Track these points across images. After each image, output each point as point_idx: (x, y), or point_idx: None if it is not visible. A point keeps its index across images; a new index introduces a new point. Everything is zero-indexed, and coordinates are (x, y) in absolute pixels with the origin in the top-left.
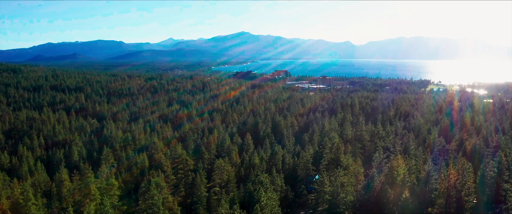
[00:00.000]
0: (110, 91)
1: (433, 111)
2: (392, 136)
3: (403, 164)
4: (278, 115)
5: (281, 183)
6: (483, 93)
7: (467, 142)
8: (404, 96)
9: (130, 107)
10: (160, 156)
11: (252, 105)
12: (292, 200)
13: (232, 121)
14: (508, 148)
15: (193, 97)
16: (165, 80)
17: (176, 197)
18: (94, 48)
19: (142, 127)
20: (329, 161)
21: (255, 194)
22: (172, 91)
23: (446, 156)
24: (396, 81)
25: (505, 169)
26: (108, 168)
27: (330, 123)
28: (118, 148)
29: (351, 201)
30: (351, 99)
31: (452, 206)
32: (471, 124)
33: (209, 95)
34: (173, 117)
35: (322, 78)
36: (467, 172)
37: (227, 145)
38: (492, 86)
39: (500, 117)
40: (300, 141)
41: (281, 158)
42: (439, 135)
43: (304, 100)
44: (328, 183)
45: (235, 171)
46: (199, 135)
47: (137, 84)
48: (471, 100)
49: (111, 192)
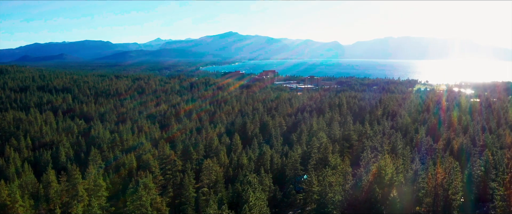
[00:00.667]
0: (97, 91)
1: (420, 110)
2: (379, 136)
3: (391, 163)
4: (266, 115)
5: (270, 183)
6: (470, 92)
7: (454, 141)
8: (392, 96)
9: (117, 107)
10: (148, 157)
11: (240, 105)
12: (280, 200)
13: (220, 121)
14: (495, 147)
15: (181, 98)
16: (153, 80)
17: (164, 198)
18: (81, 49)
19: (129, 128)
20: (317, 161)
21: (243, 194)
22: (160, 92)
23: (433, 155)
24: (383, 81)
25: (492, 167)
26: (95, 169)
27: (318, 122)
28: (105, 149)
29: (339, 200)
30: (339, 99)
31: (440, 205)
32: (458, 123)
33: (197, 95)
34: (161, 117)
35: (310, 78)
36: (454, 171)
37: (215, 145)
38: (479, 86)
39: (487, 116)
40: (288, 140)
41: (270, 158)
42: (426, 134)
43: (292, 101)
44: (316, 183)
45: (224, 171)
46: (187, 135)
47: (125, 85)
48: (458, 100)
49: (99, 193)
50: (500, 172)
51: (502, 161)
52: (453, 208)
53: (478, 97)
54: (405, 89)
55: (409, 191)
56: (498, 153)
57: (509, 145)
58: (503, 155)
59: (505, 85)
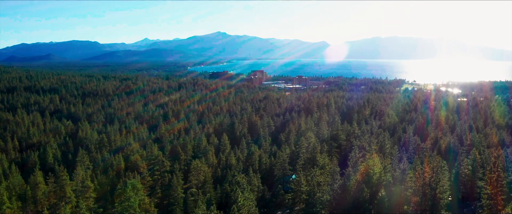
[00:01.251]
0: (85, 92)
1: (408, 110)
2: (367, 135)
3: (379, 162)
4: (254, 115)
5: (258, 183)
6: (457, 92)
7: (442, 140)
8: (380, 96)
9: (105, 108)
10: (136, 158)
11: (228, 105)
12: (269, 200)
13: (208, 121)
14: (482, 146)
15: (169, 98)
16: (141, 81)
17: (153, 199)
18: (68, 49)
19: (117, 128)
20: (306, 161)
21: (232, 195)
22: (148, 92)
23: (421, 154)
24: (371, 81)
25: (479, 166)
26: (83, 170)
27: (306, 122)
28: (93, 150)
29: (328, 200)
30: (327, 99)
31: (427, 203)
32: (445, 122)
33: (185, 95)
34: (149, 117)
35: (298, 78)
36: (442, 170)
37: (204, 146)
38: (466, 85)
39: (474, 115)
40: (277, 140)
41: (258, 158)
42: (414, 133)
43: (280, 100)
44: (305, 183)
45: (212, 171)
46: (175, 136)
47: (112, 85)
48: (446, 99)
49: (86, 194)
50: (487, 171)
51: (489, 160)
52: (441, 207)
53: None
54: (392, 89)
55: (397, 190)
56: (485, 152)
57: (496, 144)
58: (490, 154)
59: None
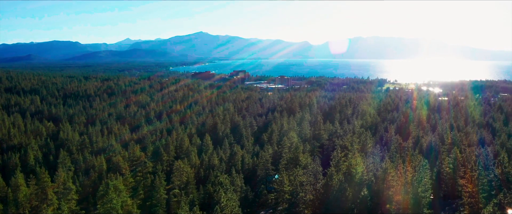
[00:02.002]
0: (66, 93)
1: (390, 109)
2: (349, 134)
3: (361, 162)
4: (237, 115)
5: (241, 184)
6: (438, 91)
7: (423, 139)
8: (361, 95)
9: (86, 109)
10: (118, 159)
11: (210, 105)
12: (252, 200)
13: (190, 122)
14: (463, 145)
15: (151, 98)
16: (122, 81)
17: (135, 200)
18: (49, 49)
19: (99, 129)
20: (288, 161)
21: (215, 195)
22: (130, 93)
23: (402, 153)
24: (353, 81)
25: (461, 165)
26: (65, 172)
27: (289, 122)
28: (75, 151)
29: (311, 200)
30: (309, 99)
31: (409, 202)
32: (427, 121)
33: (167, 96)
34: (130, 118)
35: (280, 78)
36: (423, 169)
37: (186, 146)
38: (447, 84)
39: (455, 114)
40: (259, 141)
41: (241, 158)
42: (396, 132)
43: (262, 100)
44: (288, 183)
45: (195, 172)
46: (157, 137)
47: (94, 86)
48: (427, 99)
49: (68, 196)
50: (468, 170)
51: (470, 159)
52: (423, 205)
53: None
54: (374, 88)
55: (379, 190)
56: (466, 151)
57: (476, 143)
58: (471, 152)
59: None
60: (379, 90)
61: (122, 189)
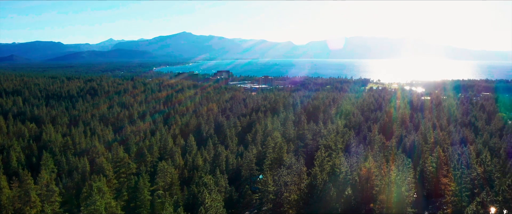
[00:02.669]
0: (48, 94)
1: (373, 109)
2: (333, 134)
3: (345, 161)
4: (221, 116)
5: (225, 184)
6: (421, 91)
7: (406, 138)
8: (345, 95)
9: (69, 110)
10: (101, 160)
11: (194, 106)
12: (236, 200)
13: (174, 122)
14: (446, 144)
15: (134, 99)
16: (105, 82)
17: (119, 202)
18: (32, 50)
19: (82, 130)
20: (272, 161)
21: (199, 196)
22: (113, 93)
23: (386, 153)
24: (336, 80)
25: (443, 164)
26: (48, 174)
27: (273, 122)
28: (58, 153)
29: (295, 199)
30: (293, 99)
31: (393, 201)
32: (410, 120)
33: (151, 97)
34: (114, 119)
35: (264, 78)
36: (407, 168)
37: (170, 147)
38: (429, 84)
39: (438, 113)
40: (243, 141)
41: (225, 158)
42: (379, 132)
43: (246, 101)
44: (272, 183)
45: (179, 173)
46: (141, 137)
47: (77, 87)
48: (410, 98)
49: (52, 198)
50: (451, 168)
51: (453, 158)
52: (406, 204)
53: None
54: (358, 88)
55: (363, 189)
56: (449, 150)
57: (459, 142)
58: (453, 151)
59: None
60: (362, 90)
61: (106, 190)
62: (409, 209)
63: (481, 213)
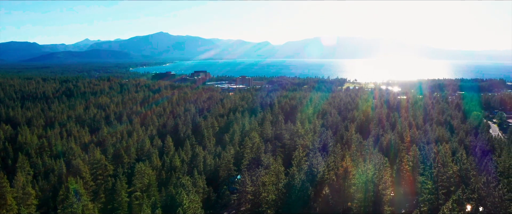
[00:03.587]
0: (24, 95)
1: (350, 108)
2: (311, 134)
3: (322, 161)
4: (198, 116)
5: (203, 185)
6: (397, 90)
7: (383, 137)
8: (322, 95)
9: (45, 111)
10: (78, 162)
11: (171, 106)
12: (214, 201)
13: (151, 123)
14: (422, 142)
15: (111, 100)
16: (82, 83)
17: (96, 204)
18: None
19: (58, 132)
20: (250, 161)
21: (177, 197)
22: (89, 94)
23: (363, 152)
24: (314, 80)
25: (420, 162)
26: (24, 176)
27: (250, 122)
28: (34, 155)
29: (273, 199)
30: (270, 99)
31: (370, 200)
32: (386, 120)
33: (128, 97)
34: (90, 120)
35: (241, 78)
36: (384, 167)
37: (147, 148)
38: (405, 83)
39: (414, 112)
40: (221, 141)
41: (203, 159)
42: (356, 131)
43: (224, 101)
44: (250, 183)
45: (156, 174)
46: (117, 139)
47: (52, 88)
48: (386, 98)
49: (28, 201)
50: (428, 167)
51: (429, 156)
52: (384, 202)
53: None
54: (334, 88)
55: (340, 188)
56: (425, 148)
57: (435, 140)
58: (430, 149)
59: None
60: (339, 89)
61: (83, 192)
62: (386, 208)
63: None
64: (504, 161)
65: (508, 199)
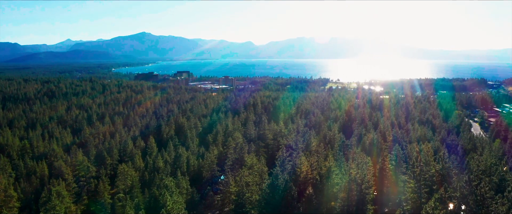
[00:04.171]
0: (5, 96)
1: (333, 108)
2: (294, 134)
3: (306, 161)
4: (181, 117)
5: (187, 186)
6: (379, 90)
7: (366, 136)
8: (305, 95)
9: (26, 112)
10: (60, 164)
11: (154, 107)
12: (198, 202)
13: (134, 124)
14: (404, 141)
15: (93, 101)
16: (64, 83)
17: (79, 206)
18: None
19: (40, 134)
20: (234, 161)
21: (160, 199)
22: (71, 95)
23: (346, 151)
24: (297, 80)
25: (402, 161)
26: (5, 179)
27: (234, 123)
28: (15, 157)
29: (257, 200)
30: (254, 99)
31: (354, 199)
32: (369, 119)
33: (110, 98)
34: (72, 121)
35: (224, 78)
36: (367, 166)
37: (130, 149)
38: (387, 83)
39: (396, 112)
40: (204, 142)
41: (186, 160)
42: (339, 131)
43: (207, 101)
44: (233, 183)
45: (139, 175)
46: (100, 140)
47: (34, 89)
48: (369, 97)
49: (10, 204)
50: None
51: (411, 155)
52: (367, 201)
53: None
54: (317, 88)
55: (324, 188)
56: (408, 147)
57: (417, 139)
58: (412, 148)
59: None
60: (322, 89)
61: (65, 194)
62: (369, 207)
63: (439, 209)
64: (485, 159)
65: (490, 197)
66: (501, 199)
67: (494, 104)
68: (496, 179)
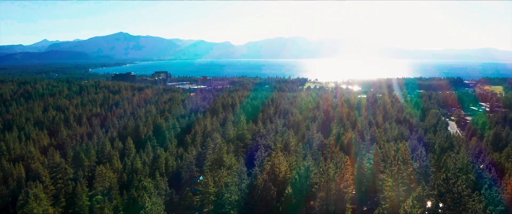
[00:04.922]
0: None
1: (311, 108)
2: (272, 134)
3: (284, 160)
4: (159, 117)
5: (165, 187)
6: (357, 89)
7: (344, 136)
8: (283, 95)
9: (3, 114)
10: (37, 166)
11: (132, 108)
12: (177, 203)
13: (112, 125)
14: (382, 140)
15: (70, 102)
16: (40, 84)
17: (57, 208)
18: None
19: (16, 135)
20: (213, 162)
21: (139, 200)
22: (48, 96)
23: (324, 151)
24: (275, 80)
25: (380, 160)
26: None
27: (212, 123)
28: None
29: (236, 200)
30: (232, 99)
31: (332, 198)
32: (347, 118)
33: (87, 99)
34: (49, 123)
35: (202, 78)
36: (345, 165)
37: (108, 150)
38: (365, 82)
39: (374, 111)
40: (183, 142)
41: (164, 161)
42: (318, 130)
43: (185, 102)
44: (213, 184)
45: (117, 177)
46: (77, 141)
47: (10, 90)
48: (347, 97)
49: None
50: (388, 164)
51: (389, 153)
52: (345, 200)
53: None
54: (296, 87)
55: (303, 187)
56: (385, 146)
57: (395, 138)
58: (390, 147)
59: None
60: (300, 89)
61: (43, 197)
62: (348, 205)
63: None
64: (462, 157)
65: (467, 195)
66: (478, 196)
67: (470, 103)
68: (473, 177)
